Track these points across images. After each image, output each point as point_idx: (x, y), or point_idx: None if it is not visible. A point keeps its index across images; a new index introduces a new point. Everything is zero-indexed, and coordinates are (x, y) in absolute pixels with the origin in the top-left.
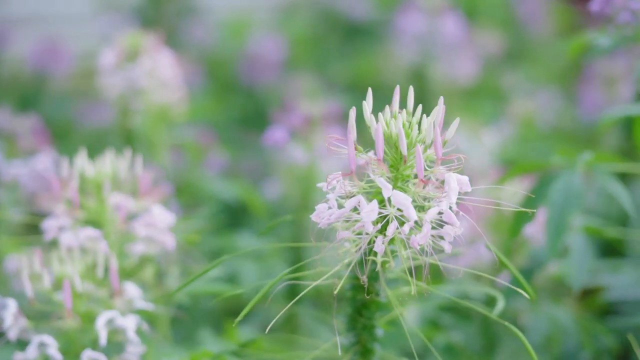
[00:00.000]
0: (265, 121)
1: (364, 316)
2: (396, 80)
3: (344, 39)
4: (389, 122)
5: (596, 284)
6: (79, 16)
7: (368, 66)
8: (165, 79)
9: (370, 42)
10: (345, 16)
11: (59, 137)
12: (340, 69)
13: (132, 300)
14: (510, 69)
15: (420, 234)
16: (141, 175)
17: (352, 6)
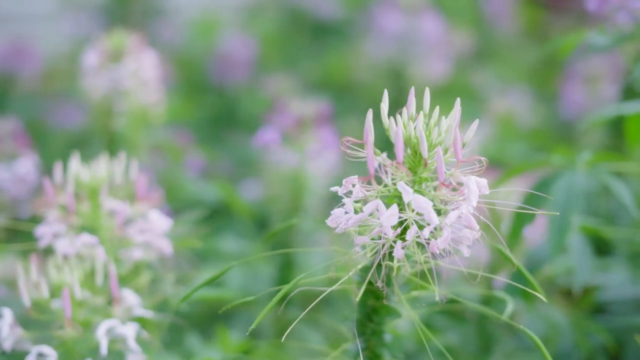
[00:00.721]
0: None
1: (373, 321)
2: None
3: (312, 38)
4: (407, 124)
5: (587, 283)
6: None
7: (338, 65)
8: (149, 80)
9: (338, 41)
10: (313, 15)
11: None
12: (310, 68)
13: (131, 308)
14: (479, 68)
15: (440, 238)
16: (137, 179)
17: (318, 5)
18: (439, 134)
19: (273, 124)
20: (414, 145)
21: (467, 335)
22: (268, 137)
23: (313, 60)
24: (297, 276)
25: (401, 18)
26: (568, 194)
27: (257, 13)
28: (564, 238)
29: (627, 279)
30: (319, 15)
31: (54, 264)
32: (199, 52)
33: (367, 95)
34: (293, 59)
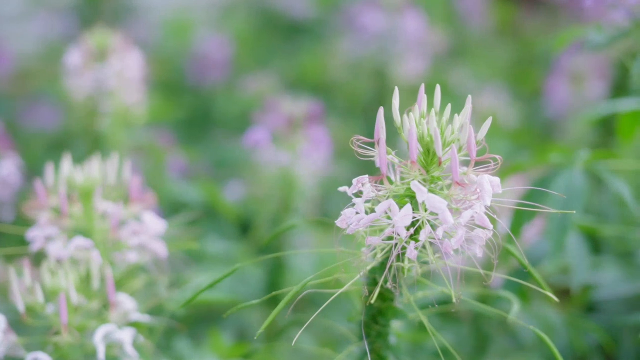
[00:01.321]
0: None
1: (379, 323)
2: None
3: (286, 37)
4: (420, 123)
5: (585, 282)
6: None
7: (313, 65)
8: (133, 80)
9: (312, 41)
10: (285, 15)
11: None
12: (285, 68)
13: (128, 313)
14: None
15: (454, 238)
16: (131, 180)
17: (291, 5)
18: (452, 132)
19: (263, 123)
20: (427, 144)
21: (462, 335)
22: (258, 137)
23: (287, 60)
24: (288, 280)
25: (382, 17)
26: (568, 193)
27: (229, 13)
28: (565, 237)
29: (620, 277)
30: (291, 15)
31: (48, 268)
32: (173, 52)
33: (344, 94)
34: (267, 59)
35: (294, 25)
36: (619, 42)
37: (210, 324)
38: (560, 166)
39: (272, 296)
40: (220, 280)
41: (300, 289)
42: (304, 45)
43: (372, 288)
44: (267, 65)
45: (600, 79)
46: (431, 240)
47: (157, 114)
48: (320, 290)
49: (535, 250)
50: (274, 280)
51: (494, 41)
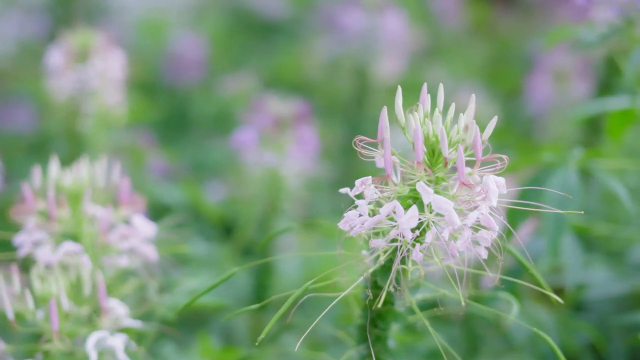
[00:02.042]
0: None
1: (378, 327)
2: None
3: (261, 37)
4: (424, 122)
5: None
6: None
7: (288, 64)
8: (115, 80)
9: (287, 41)
10: (260, 15)
11: None
12: (260, 68)
13: (119, 318)
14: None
15: (460, 239)
16: (120, 183)
17: (265, 5)
18: (457, 132)
19: (250, 123)
20: (432, 144)
21: (453, 336)
22: (245, 138)
23: (262, 59)
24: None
25: (363, 16)
26: (563, 192)
27: (204, 13)
28: (561, 237)
29: (610, 277)
30: (266, 15)
31: (37, 274)
32: (148, 52)
33: (321, 94)
34: (242, 58)
35: (268, 25)
36: (610, 41)
37: (196, 327)
38: (554, 165)
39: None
40: (216, 286)
41: (301, 292)
42: (279, 45)
43: (375, 291)
44: (242, 65)
45: (583, 77)
46: (436, 242)
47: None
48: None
49: (529, 250)
50: (260, 283)
51: (469, 40)
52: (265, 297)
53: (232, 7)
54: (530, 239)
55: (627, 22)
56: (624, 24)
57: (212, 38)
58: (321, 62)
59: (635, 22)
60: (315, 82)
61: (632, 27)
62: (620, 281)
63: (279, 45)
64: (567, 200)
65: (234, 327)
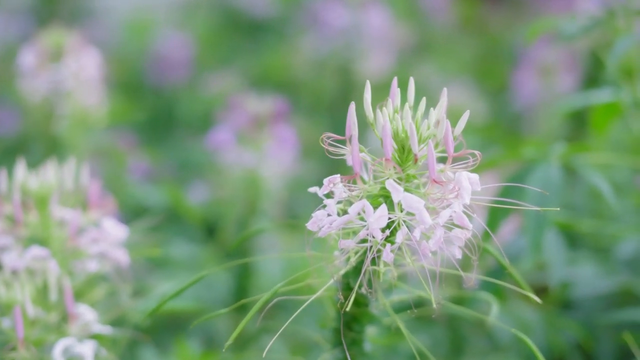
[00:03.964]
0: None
1: (353, 330)
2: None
3: (248, 36)
4: (393, 118)
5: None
6: None
7: (276, 63)
8: (91, 81)
9: (274, 39)
10: (247, 13)
11: None
12: (248, 67)
13: (88, 325)
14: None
15: (432, 239)
16: (89, 185)
17: (253, 3)
18: (428, 127)
19: (226, 123)
20: (402, 140)
21: (437, 337)
22: (221, 138)
23: (250, 58)
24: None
25: (346, 12)
26: (544, 189)
27: (191, 12)
28: (543, 234)
29: (596, 273)
30: (253, 13)
31: (3, 280)
32: (133, 52)
33: (308, 92)
34: (230, 57)
35: (256, 23)
36: (592, 33)
37: (176, 331)
38: (535, 161)
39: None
40: (185, 289)
41: (270, 296)
42: (267, 43)
43: (346, 293)
44: (230, 64)
45: (569, 71)
46: (407, 242)
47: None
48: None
49: (512, 248)
50: (241, 285)
51: (458, 36)
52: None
53: (220, 6)
54: (513, 236)
55: (608, 13)
56: (605, 15)
57: (199, 37)
58: (307, 60)
59: (617, 14)
60: (302, 80)
61: (614, 18)
62: (607, 278)
63: (267, 43)
64: (549, 196)
65: (215, 331)
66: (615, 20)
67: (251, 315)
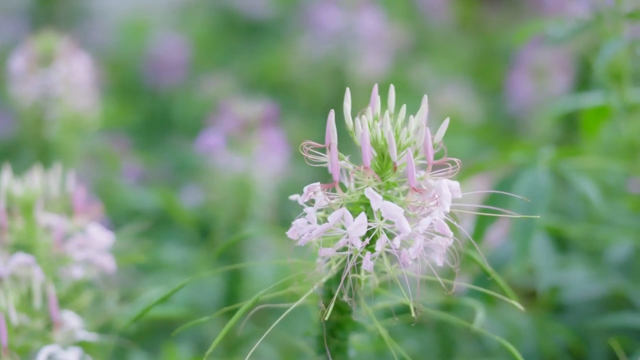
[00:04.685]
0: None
1: (337, 337)
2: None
3: (246, 37)
4: (373, 126)
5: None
6: None
7: (273, 64)
8: (81, 85)
9: (272, 40)
10: (244, 14)
11: None
12: (245, 68)
13: (73, 331)
14: (416, 62)
15: (412, 247)
16: (74, 191)
17: (250, 4)
18: (407, 135)
19: (216, 127)
20: (381, 148)
21: (427, 342)
22: (211, 142)
23: (247, 60)
24: (247, 288)
25: (340, 14)
26: (531, 194)
27: (188, 13)
28: (530, 239)
29: (588, 277)
30: (251, 15)
31: None
32: (130, 54)
33: (304, 94)
34: (227, 59)
35: (253, 25)
36: (581, 36)
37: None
38: (523, 165)
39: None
40: (170, 295)
41: (252, 304)
42: (264, 45)
43: (328, 300)
44: (226, 66)
45: (563, 73)
46: (388, 250)
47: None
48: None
49: (501, 252)
50: (232, 289)
51: (456, 36)
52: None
53: (217, 7)
54: (502, 241)
55: (596, 17)
56: (593, 19)
57: (196, 39)
58: (303, 62)
59: (604, 18)
60: (298, 82)
61: (602, 22)
62: (598, 282)
63: (264, 45)
64: (536, 201)
65: (207, 336)
66: (603, 23)
67: (232, 323)
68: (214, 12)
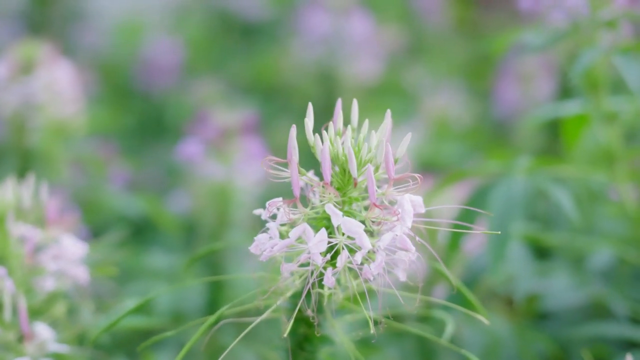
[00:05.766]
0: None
1: (306, 350)
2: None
3: (240, 40)
4: (334, 141)
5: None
6: None
7: (268, 67)
8: (64, 92)
9: (267, 42)
10: (241, 16)
11: None
12: (240, 71)
13: (45, 343)
14: (411, 65)
15: (374, 263)
16: (47, 202)
17: (246, 6)
18: (369, 150)
19: (196, 135)
20: (343, 163)
21: (408, 351)
22: (191, 150)
23: (242, 62)
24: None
25: (328, 18)
26: (506, 204)
27: (184, 16)
28: (504, 249)
29: (570, 285)
30: (247, 17)
31: None
32: (123, 56)
33: (297, 97)
34: (222, 61)
35: (249, 27)
36: (558, 44)
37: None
38: (499, 175)
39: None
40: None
41: (215, 319)
42: (260, 47)
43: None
44: (221, 68)
45: (549, 78)
46: (350, 266)
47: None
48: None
49: (480, 261)
50: (214, 297)
51: (452, 39)
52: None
53: (212, 9)
54: (480, 250)
55: (573, 26)
56: (570, 27)
57: (191, 41)
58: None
59: (581, 26)
60: (292, 85)
61: (578, 31)
62: (579, 290)
63: (259, 47)
64: (511, 210)
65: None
66: (579, 32)
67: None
68: (210, 14)
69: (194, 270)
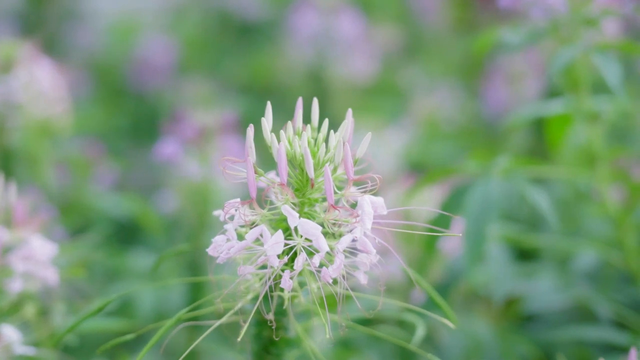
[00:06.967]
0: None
1: (271, 353)
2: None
3: (237, 39)
4: (292, 140)
5: (512, 292)
6: None
7: (263, 67)
8: (45, 92)
9: (263, 42)
10: (237, 16)
11: None
12: (235, 71)
13: (11, 346)
14: (407, 64)
15: (332, 266)
16: (15, 203)
17: (243, 6)
18: (327, 150)
19: (173, 135)
20: (300, 164)
21: (387, 353)
22: (169, 150)
23: (238, 62)
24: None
25: (317, 18)
26: (483, 205)
27: (180, 15)
28: (480, 250)
29: (554, 287)
30: (244, 16)
31: None
32: (118, 57)
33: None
34: (217, 61)
35: (246, 26)
36: (538, 42)
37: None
38: (476, 176)
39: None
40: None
41: (173, 323)
42: (256, 47)
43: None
44: (216, 68)
45: (537, 77)
46: (309, 269)
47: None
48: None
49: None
50: (194, 298)
51: (449, 39)
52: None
53: (209, 8)
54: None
55: (552, 24)
56: (549, 26)
57: (187, 41)
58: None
59: (560, 25)
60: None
61: (557, 29)
62: (563, 292)
63: (255, 47)
64: (487, 211)
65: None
66: (559, 30)
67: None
68: (206, 13)
69: (176, 271)
